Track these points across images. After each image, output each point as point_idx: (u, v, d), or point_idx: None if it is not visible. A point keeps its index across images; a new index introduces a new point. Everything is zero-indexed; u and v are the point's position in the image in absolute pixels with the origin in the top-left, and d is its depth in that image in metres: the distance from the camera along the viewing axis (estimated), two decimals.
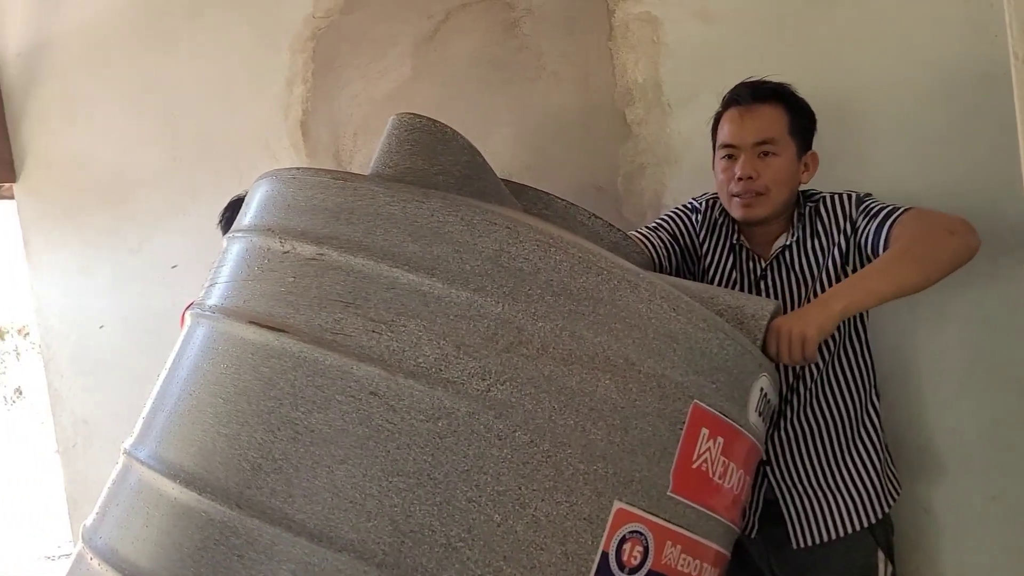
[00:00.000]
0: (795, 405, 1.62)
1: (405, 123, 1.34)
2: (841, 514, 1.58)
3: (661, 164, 2.06)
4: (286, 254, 1.26)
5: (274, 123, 2.74)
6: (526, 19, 2.24)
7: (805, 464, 1.61)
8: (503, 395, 1.15)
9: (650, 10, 2.05)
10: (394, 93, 2.47)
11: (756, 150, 1.57)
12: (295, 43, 2.68)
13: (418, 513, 1.11)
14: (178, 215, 3.02)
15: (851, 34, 1.81)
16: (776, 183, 1.59)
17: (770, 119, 1.58)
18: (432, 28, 2.40)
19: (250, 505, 1.13)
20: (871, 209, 1.56)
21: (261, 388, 1.19)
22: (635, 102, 2.08)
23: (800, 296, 1.62)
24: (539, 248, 1.19)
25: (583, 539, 1.15)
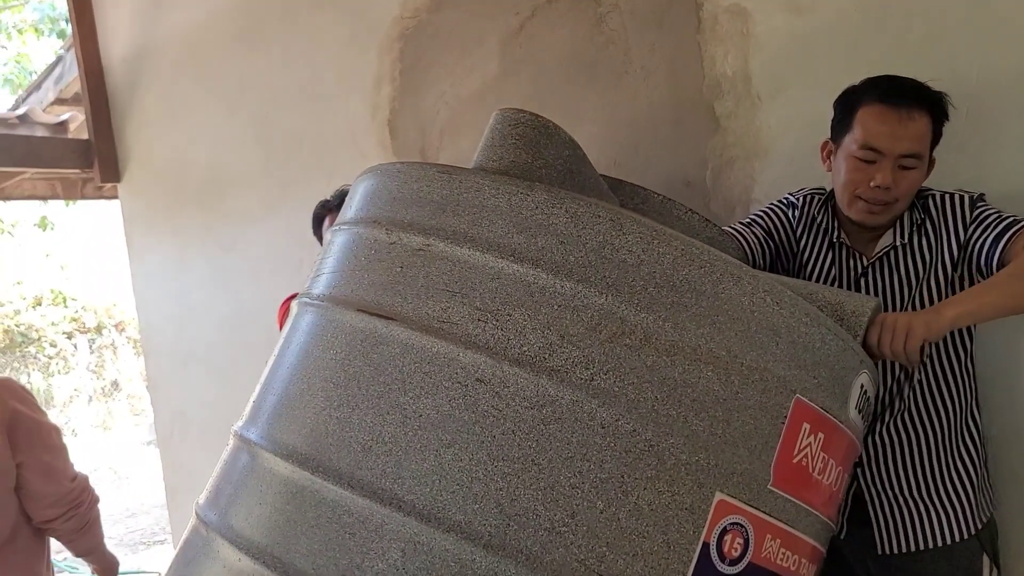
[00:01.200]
0: (894, 411, 1.59)
1: (508, 118, 1.37)
2: (933, 525, 1.54)
3: (750, 158, 2.04)
4: (393, 245, 1.30)
5: (362, 122, 2.81)
6: (613, 14, 2.24)
7: (899, 472, 1.58)
8: (606, 384, 1.16)
9: (739, 2, 2.04)
10: (481, 91, 2.50)
11: (899, 160, 1.51)
12: (383, 43, 2.74)
13: (523, 497, 1.13)
14: (269, 214, 3.13)
15: (952, 21, 1.75)
16: (906, 196, 1.55)
17: (922, 132, 1.51)
18: (518, 24, 2.42)
19: (361, 485, 1.17)
20: (987, 218, 1.50)
21: (371, 373, 1.23)
22: (724, 95, 2.07)
23: (903, 297, 1.58)
24: (642, 240, 1.20)
25: (684, 529, 1.16)
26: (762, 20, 2.00)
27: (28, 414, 1.84)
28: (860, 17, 1.87)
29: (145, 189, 3.66)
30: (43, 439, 1.85)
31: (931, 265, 1.56)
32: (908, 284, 1.57)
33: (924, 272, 1.56)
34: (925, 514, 1.55)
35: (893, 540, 1.55)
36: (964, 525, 1.53)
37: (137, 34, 3.50)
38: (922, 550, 1.53)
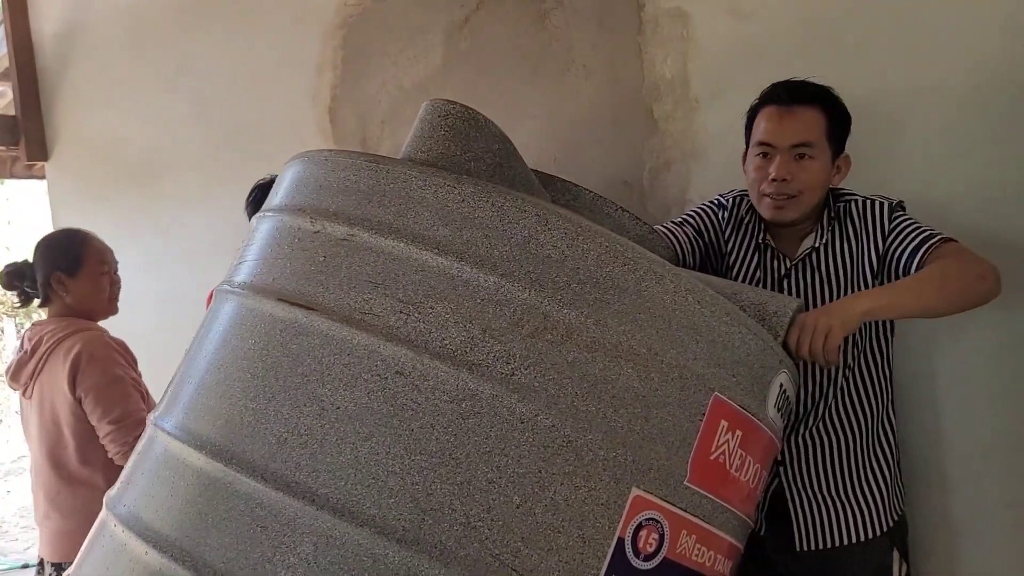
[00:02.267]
0: (817, 415, 1.62)
1: (439, 109, 1.36)
2: (849, 523, 1.59)
3: (687, 160, 2.06)
4: (317, 234, 1.28)
5: (303, 109, 2.77)
6: (557, 11, 2.24)
7: (820, 472, 1.62)
8: (527, 379, 1.16)
9: (681, 5, 2.06)
10: (424, 82, 2.48)
11: (792, 152, 1.57)
12: (326, 30, 2.70)
13: (439, 492, 1.13)
14: (207, 197, 3.06)
15: (883, 35, 1.81)
16: (809, 187, 1.59)
17: (809, 122, 1.57)
18: (464, 17, 2.41)
19: (275, 478, 1.15)
20: (906, 230, 1.55)
21: (289, 364, 1.21)
22: (663, 97, 2.09)
23: (824, 298, 1.62)
24: (567, 236, 1.20)
25: (600, 524, 1.17)
26: (702, 24, 2.03)
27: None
28: (797, 27, 1.91)
29: (75, 169, 3.55)
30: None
31: (853, 269, 1.60)
32: (829, 285, 1.61)
33: (846, 275, 1.60)
34: (843, 512, 1.59)
35: (812, 537, 1.59)
36: (877, 522, 1.58)
37: (71, 9, 3.38)
38: (838, 547, 1.57)
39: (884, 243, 1.57)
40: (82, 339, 2.16)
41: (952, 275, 1.44)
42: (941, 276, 1.44)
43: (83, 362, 2.12)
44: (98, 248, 2.29)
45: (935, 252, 1.48)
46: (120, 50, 3.28)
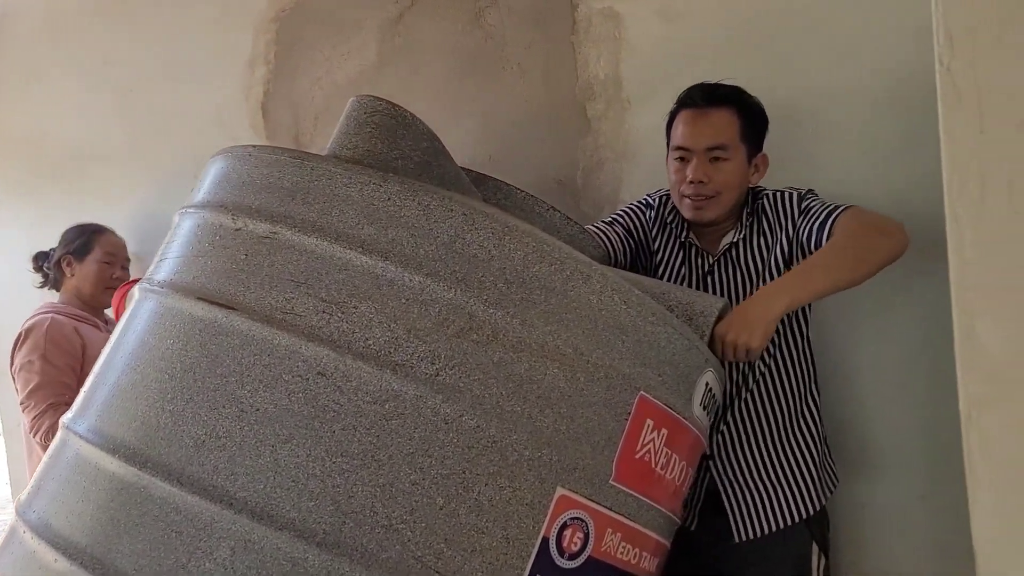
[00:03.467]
0: (737, 402, 1.65)
1: (365, 105, 1.34)
2: (780, 507, 1.62)
3: (619, 160, 2.08)
4: (238, 231, 1.25)
5: (234, 103, 2.70)
6: (492, 9, 2.24)
7: (747, 458, 1.64)
8: (452, 380, 1.15)
9: (613, 6, 2.08)
10: (358, 78, 2.45)
11: (708, 155, 1.61)
12: (258, 23, 2.64)
13: (360, 494, 1.11)
14: (133, 192, 2.97)
15: (806, 38, 1.85)
16: (727, 187, 1.62)
17: (723, 124, 1.61)
18: (398, 13, 2.39)
19: (191, 482, 1.12)
20: (812, 209, 1.60)
21: (208, 365, 1.18)
22: (596, 97, 2.10)
23: (745, 291, 1.66)
24: (494, 236, 1.20)
25: (524, 524, 1.16)
26: (634, 25, 2.04)
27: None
28: (726, 30, 1.94)
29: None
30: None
31: (770, 259, 1.64)
32: (749, 278, 1.66)
33: (763, 266, 1.64)
34: (773, 495, 1.61)
35: (747, 526, 1.62)
36: (802, 507, 1.61)
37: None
38: (768, 534, 1.60)
39: (793, 227, 1.62)
40: (33, 320, 2.34)
41: (855, 239, 1.46)
42: (844, 242, 1.46)
43: (20, 342, 2.32)
44: (111, 240, 2.54)
45: (837, 222, 1.52)
46: (40, 41, 3.15)
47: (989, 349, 1.04)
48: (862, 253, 1.45)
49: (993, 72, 1.03)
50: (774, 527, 1.61)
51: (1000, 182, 1.03)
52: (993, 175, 1.03)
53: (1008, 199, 1.03)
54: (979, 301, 1.05)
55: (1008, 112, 1.02)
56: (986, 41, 1.03)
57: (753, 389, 1.65)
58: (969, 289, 1.05)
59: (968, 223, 1.05)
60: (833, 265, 1.44)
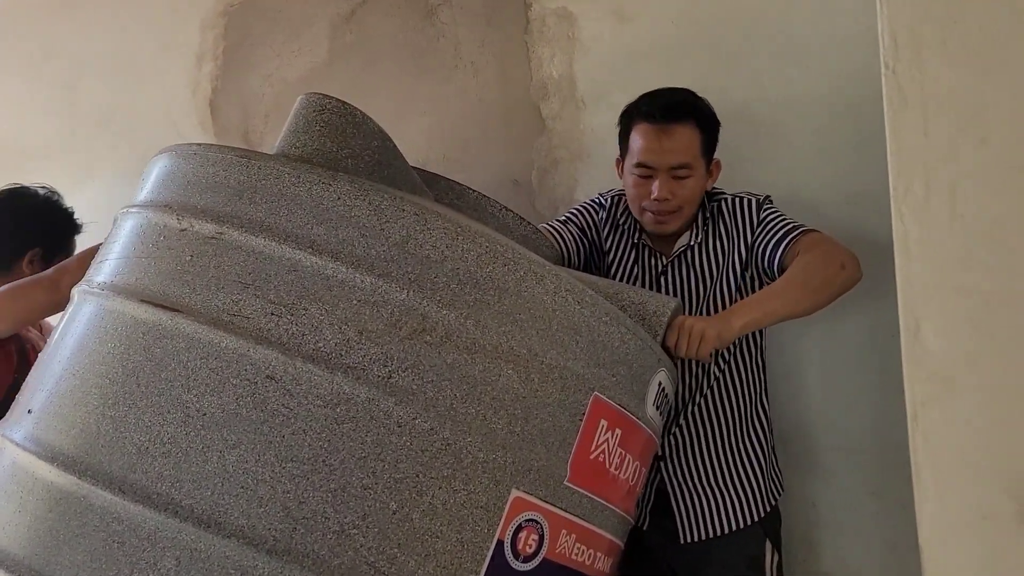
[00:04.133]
0: (691, 406, 1.66)
1: (314, 103, 1.32)
2: (727, 511, 1.63)
3: (574, 159, 2.08)
4: (184, 232, 1.22)
5: (181, 99, 2.63)
6: (444, 7, 2.22)
7: (697, 462, 1.65)
8: (404, 382, 1.14)
9: (566, 6, 2.08)
10: (309, 75, 2.41)
11: (671, 172, 1.60)
12: (206, 18, 2.58)
13: (311, 499, 1.09)
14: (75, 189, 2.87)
15: (758, 40, 1.87)
16: (689, 201, 1.64)
17: (685, 143, 1.60)
18: (349, 10, 2.36)
19: (134, 490, 1.09)
20: (770, 223, 1.61)
21: (152, 369, 1.14)
22: (550, 97, 2.10)
23: (699, 294, 1.66)
24: (447, 236, 1.18)
25: (479, 527, 1.15)
26: (587, 25, 2.05)
27: None
28: (678, 31, 1.95)
29: None
30: None
31: (724, 265, 1.65)
32: (703, 281, 1.66)
33: (718, 271, 1.65)
34: (721, 500, 1.63)
35: (693, 529, 1.63)
36: (752, 511, 1.63)
37: None
38: (716, 536, 1.62)
39: (752, 237, 1.63)
40: None
41: (814, 270, 1.50)
42: (803, 274, 1.50)
43: None
44: None
45: (796, 245, 1.55)
46: None
47: (933, 349, 1.06)
48: (821, 286, 1.50)
49: (937, 75, 1.05)
50: (720, 531, 1.62)
51: (944, 184, 1.05)
52: (937, 177, 1.05)
53: (951, 201, 1.05)
54: (924, 302, 1.06)
55: (952, 115, 1.04)
56: (930, 44, 1.05)
57: (708, 393, 1.66)
58: (914, 290, 1.07)
59: (913, 224, 1.07)
60: (792, 296, 1.49)
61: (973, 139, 1.03)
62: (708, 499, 1.64)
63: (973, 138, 1.03)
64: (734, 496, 1.64)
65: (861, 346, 1.78)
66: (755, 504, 1.64)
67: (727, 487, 1.64)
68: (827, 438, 1.82)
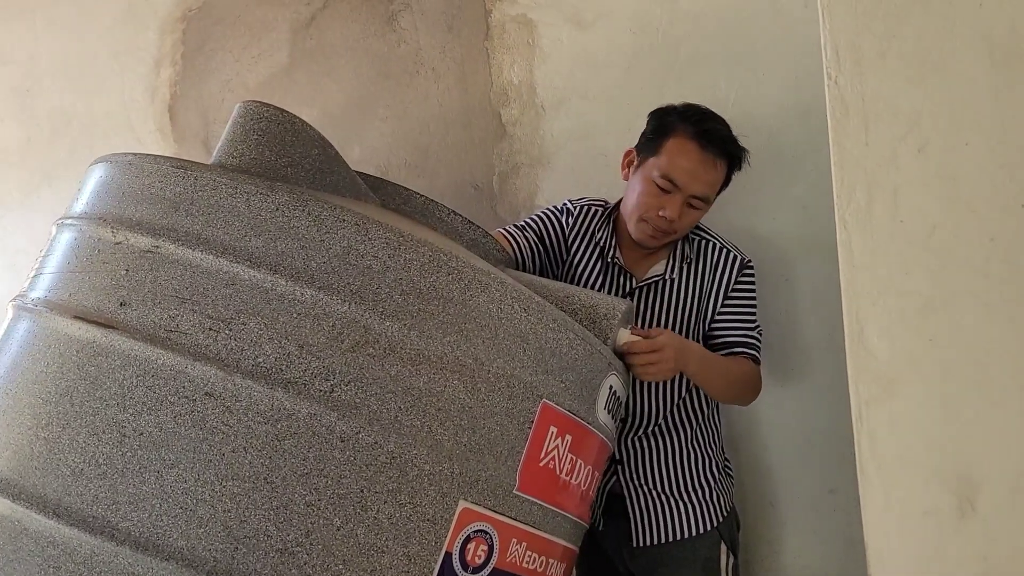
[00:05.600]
0: (655, 420, 1.65)
1: (252, 112, 1.29)
2: (682, 519, 1.63)
3: (534, 165, 2.09)
4: (118, 245, 1.19)
5: (139, 105, 2.60)
6: (405, 13, 2.22)
7: (654, 471, 1.65)
8: (347, 396, 1.12)
9: (526, 12, 2.09)
10: (269, 81, 2.39)
11: (690, 199, 1.57)
12: (164, 23, 2.55)
13: (253, 518, 1.07)
14: (30, 196, 2.83)
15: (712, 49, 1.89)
16: (686, 229, 1.64)
17: (717, 179, 1.59)
18: (310, 15, 2.34)
19: (69, 513, 1.06)
20: (740, 314, 1.64)
21: (86, 388, 1.12)
22: (510, 103, 2.11)
23: (672, 321, 1.65)
24: (389, 246, 1.17)
25: (426, 540, 1.14)
26: (547, 32, 2.07)
27: None
28: (634, 38, 1.97)
29: None
30: None
31: (695, 308, 1.64)
32: (670, 316, 1.65)
33: (686, 314, 1.64)
34: (675, 509, 1.63)
35: (646, 533, 1.63)
36: (706, 519, 1.63)
37: None
38: (670, 541, 1.62)
39: (723, 299, 1.64)
40: None
41: (744, 387, 1.64)
42: (741, 383, 1.62)
43: None
44: None
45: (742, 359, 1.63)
46: None
47: (876, 351, 1.07)
48: (738, 396, 1.68)
49: (876, 86, 1.07)
50: (674, 537, 1.62)
51: (886, 191, 1.07)
52: (879, 184, 1.07)
53: (893, 207, 1.06)
54: (867, 305, 1.08)
55: (891, 124, 1.07)
56: (869, 57, 1.07)
57: (673, 411, 1.65)
58: (858, 294, 1.09)
59: (856, 230, 1.08)
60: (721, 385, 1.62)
61: (912, 148, 1.05)
62: (664, 506, 1.63)
63: (912, 147, 1.05)
64: (690, 505, 1.63)
65: (814, 347, 1.79)
66: (710, 512, 1.64)
67: (683, 496, 1.64)
68: (784, 439, 1.84)
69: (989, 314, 1.02)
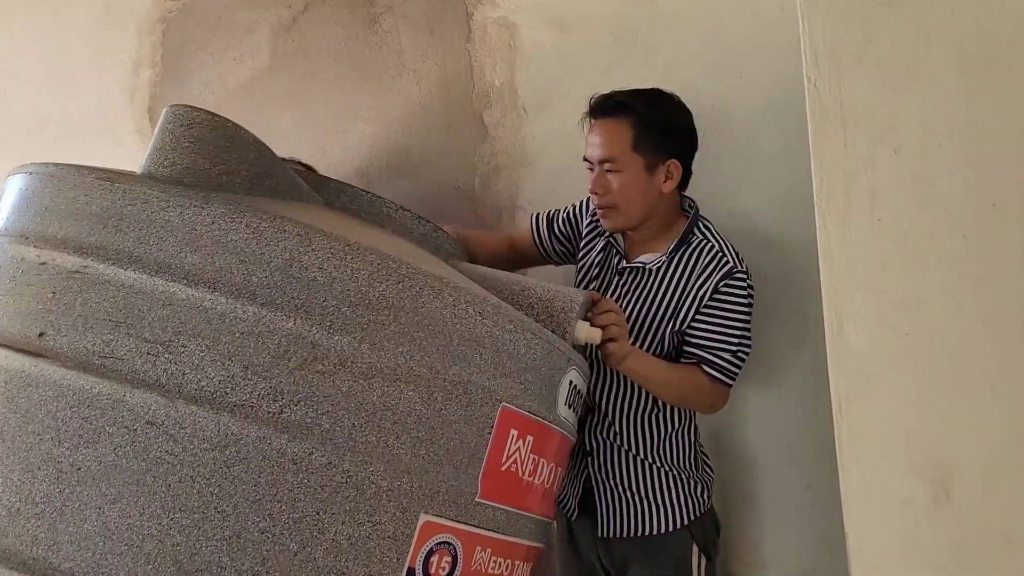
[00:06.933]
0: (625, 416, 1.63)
1: (181, 117, 1.21)
2: (648, 518, 1.61)
3: (516, 167, 2.07)
4: (43, 265, 1.12)
5: (119, 107, 2.51)
6: (387, 15, 2.19)
7: (623, 468, 1.63)
8: (297, 416, 1.08)
9: (507, 15, 2.07)
10: (250, 82, 2.32)
11: (602, 167, 1.58)
12: (143, 24, 2.47)
13: (204, 550, 1.03)
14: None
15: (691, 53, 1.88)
16: (624, 200, 1.58)
17: (611, 137, 1.56)
18: (291, 17, 2.29)
19: (8, 556, 1.01)
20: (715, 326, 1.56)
21: (17, 422, 1.06)
22: (492, 105, 2.10)
23: (642, 310, 1.61)
24: (334, 256, 1.12)
25: (388, 558, 1.12)
26: (528, 35, 2.05)
27: None
28: (614, 41, 1.96)
29: None
30: None
31: (666, 304, 1.60)
32: (640, 304, 1.61)
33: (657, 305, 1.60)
34: (639, 507, 1.61)
35: (612, 526, 1.62)
36: (672, 518, 1.61)
37: None
38: (636, 536, 1.61)
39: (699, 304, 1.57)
40: None
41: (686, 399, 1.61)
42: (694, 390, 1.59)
43: None
44: None
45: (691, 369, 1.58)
46: None
47: (855, 346, 1.10)
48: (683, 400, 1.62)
49: (854, 90, 1.10)
50: (639, 533, 1.61)
51: (863, 191, 1.10)
52: (857, 184, 1.10)
53: (871, 206, 1.09)
54: (846, 301, 1.11)
55: (868, 126, 1.10)
56: (847, 61, 1.11)
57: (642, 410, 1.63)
58: (837, 290, 1.12)
59: (835, 228, 1.12)
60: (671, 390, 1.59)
61: (888, 149, 1.08)
62: (629, 503, 1.61)
63: (888, 148, 1.08)
64: (654, 506, 1.60)
65: (792, 345, 1.80)
66: (677, 513, 1.61)
67: (647, 497, 1.61)
68: (762, 436, 1.85)
69: (962, 310, 1.04)
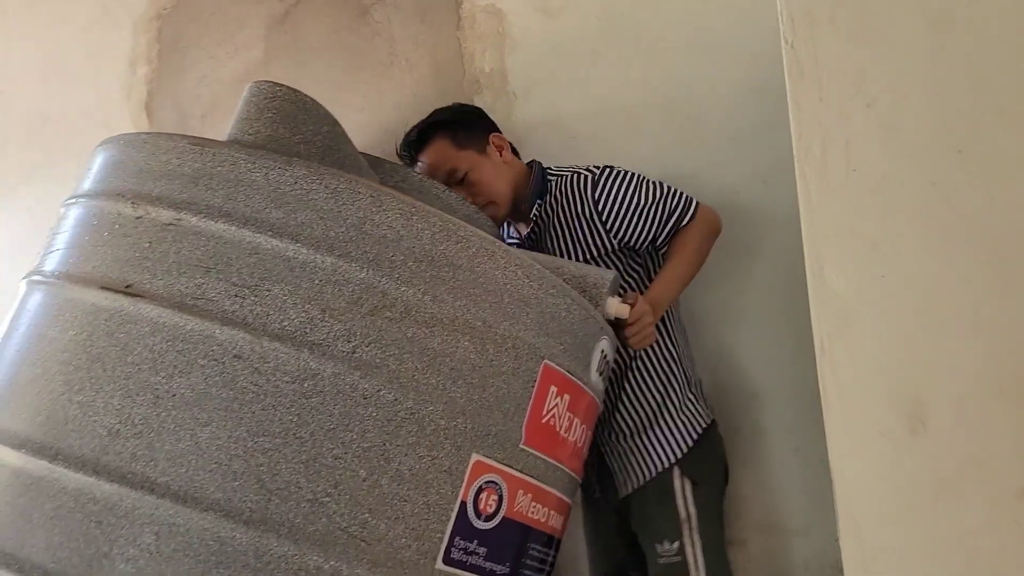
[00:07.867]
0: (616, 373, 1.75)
1: (264, 91, 1.35)
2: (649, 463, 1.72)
3: None
4: (139, 219, 1.24)
5: (115, 103, 2.62)
6: (378, 6, 2.30)
7: (621, 425, 1.75)
8: (368, 356, 1.19)
9: (495, 2, 2.18)
10: (244, 75, 2.43)
11: (454, 177, 1.74)
12: (139, 22, 2.59)
13: (284, 471, 1.13)
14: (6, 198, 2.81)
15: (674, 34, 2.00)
16: (490, 189, 1.75)
17: (439, 154, 1.75)
18: (283, 10, 2.40)
19: (108, 471, 1.11)
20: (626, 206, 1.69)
21: (117, 354, 1.17)
22: (483, 90, 2.20)
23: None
24: (402, 216, 1.24)
25: (444, 490, 1.22)
26: (516, 21, 2.15)
27: None
28: (600, 26, 2.07)
29: None
30: None
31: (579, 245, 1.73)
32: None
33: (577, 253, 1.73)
34: (645, 452, 1.73)
35: (628, 483, 1.73)
36: (670, 456, 1.72)
37: None
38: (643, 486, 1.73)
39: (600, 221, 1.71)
40: None
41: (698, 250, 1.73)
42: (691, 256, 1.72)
43: None
44: None
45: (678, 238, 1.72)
46: None
47: (835, 288, 1.18)
48: (703, 259, 1.74)
49: (828, 49, 1.19)
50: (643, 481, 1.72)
51: (839, 142, 1.19)
52: (833, 137, 1.19)
53: (846, 157, 1.18)
54: (825, 247, 1.19)
55: (842, 83, 1.19)
56: (821, 22, 1.20)
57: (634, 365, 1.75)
58: (817, 237, 1.19)
59: (814, 180, 1.20)
60: (687, 275, 1.72)
61: (861, 103, 1.16)
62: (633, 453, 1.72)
63: (861, 102, 1.16)
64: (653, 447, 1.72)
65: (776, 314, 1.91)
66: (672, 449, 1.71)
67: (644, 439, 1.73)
68: (752, 402, 1.95)
69: (932, 252, 1.13)
